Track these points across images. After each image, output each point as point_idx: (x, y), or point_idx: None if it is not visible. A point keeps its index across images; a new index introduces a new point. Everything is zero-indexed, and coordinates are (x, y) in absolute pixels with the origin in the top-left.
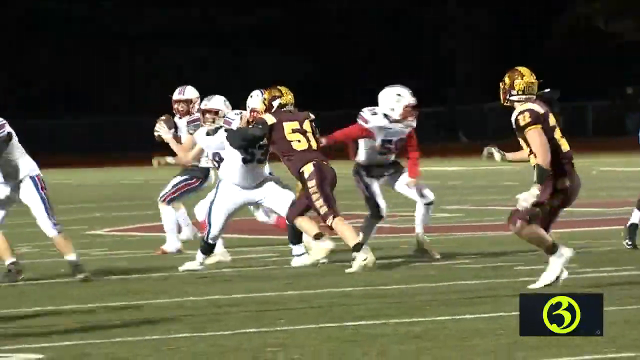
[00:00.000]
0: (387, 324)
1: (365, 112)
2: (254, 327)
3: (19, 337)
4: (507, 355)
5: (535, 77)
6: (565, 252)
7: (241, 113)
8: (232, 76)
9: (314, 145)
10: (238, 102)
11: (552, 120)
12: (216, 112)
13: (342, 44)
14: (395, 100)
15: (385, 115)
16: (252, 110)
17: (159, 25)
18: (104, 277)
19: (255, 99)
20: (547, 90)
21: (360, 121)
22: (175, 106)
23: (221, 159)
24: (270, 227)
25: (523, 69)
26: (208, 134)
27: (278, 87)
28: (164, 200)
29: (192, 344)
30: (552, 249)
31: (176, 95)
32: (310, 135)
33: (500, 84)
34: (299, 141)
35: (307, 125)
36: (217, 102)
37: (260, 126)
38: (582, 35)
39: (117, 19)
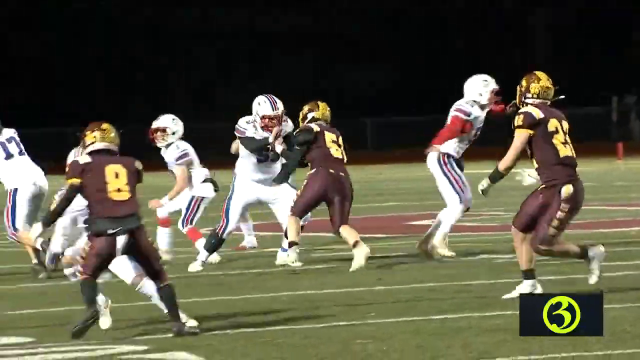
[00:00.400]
0: (470, 317)
1: (464, 104)
2: (344, 321)
3: (126, 330)
4: (584, 347)
5: (551, 83)
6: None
7: (255, 121)
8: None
9: (345, 158)
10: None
11: (552, 126)
12: (164, 130)
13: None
14: (483, 85)
15: (475, 103)
16: (263, 117)
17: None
18: (203, 273)
19: (264, 106)
20: (562, 96)
21: (460, 115)
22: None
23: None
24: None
25: (540, 74)
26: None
27: (318, 102)
28: (186, 224)
29: (287, 336)
30: (582, 254)
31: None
32: (342, 150)
33: (518, 87)
34: (337, 149)
35: (341, 140)
36: (165, 120)
37: (307, 131)
38: None
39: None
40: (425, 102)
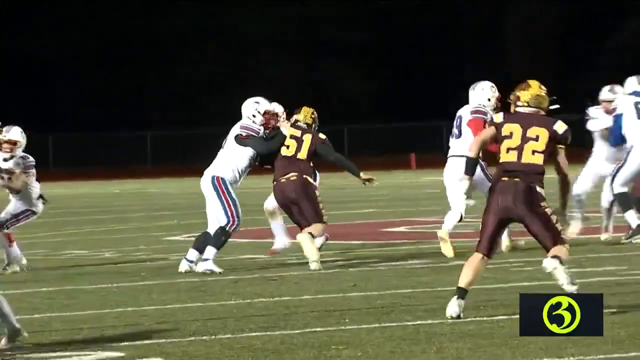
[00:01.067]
0: (444, 323)
1: (482, 108)
2: (320, 327)
3: (103, 336)
4: (557, 352)
5: (545, 92)
6: (453, 311)
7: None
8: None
9: (300, 155)
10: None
11: (506, 131)
12: (14, 143)
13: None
14: (492, 91)
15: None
16: (265, 113)
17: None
18: (180, 280)
19: (263, 103)
20: (557, 106)
21: (480, 116)
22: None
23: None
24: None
25: (532, 82)
26: (5, 160)
27: (305, 106)
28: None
29: (263, 342)
30: (460, 292)
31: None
32: (304, 145)
33: (511, 95)
34: (288, 147)
35: (307, 137)
36: (15, 133)
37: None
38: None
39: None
40: (401, 109)
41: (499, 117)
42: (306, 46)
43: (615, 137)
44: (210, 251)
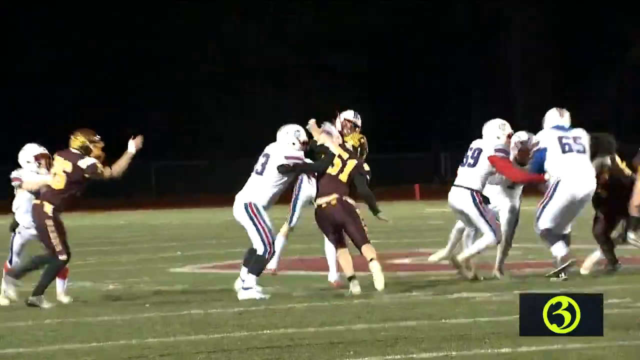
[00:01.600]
0: (449, 355)
1: (504, 145)
2: (324, 359)
3: None
4: None
5: None
6: None
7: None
8: None
9: (342, 177)
10: None
11: None
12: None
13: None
14: (500, 129)
15: None
16: (304, 142)
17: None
18: (184, 312)
19: (302, 132)
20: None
21: (504, 155)
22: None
23: None
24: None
25: None
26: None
27: (359, 133)
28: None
29: None
30: None
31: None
32: (346, 169)
33: None
34: (333, 165)
35: (351, 163)
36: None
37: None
38: None
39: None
40: (404, 140)
41: None
42: (305, 74)
43: (532, 172)
44: (250, 279)
